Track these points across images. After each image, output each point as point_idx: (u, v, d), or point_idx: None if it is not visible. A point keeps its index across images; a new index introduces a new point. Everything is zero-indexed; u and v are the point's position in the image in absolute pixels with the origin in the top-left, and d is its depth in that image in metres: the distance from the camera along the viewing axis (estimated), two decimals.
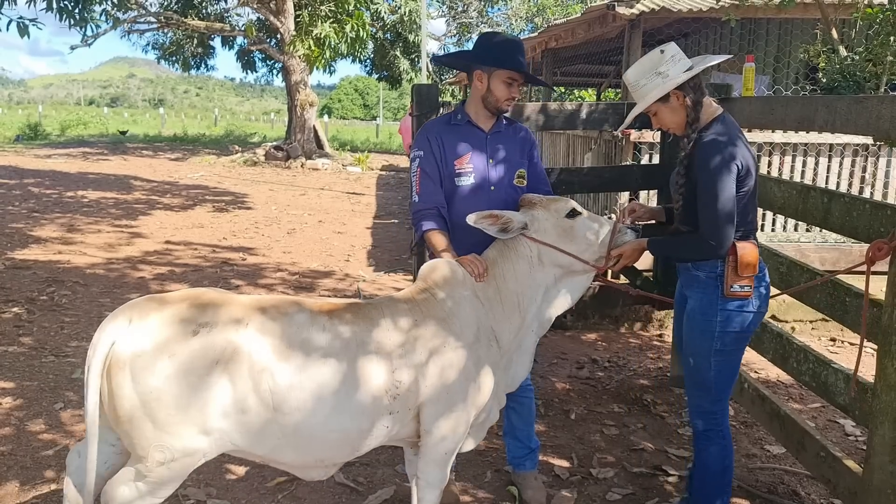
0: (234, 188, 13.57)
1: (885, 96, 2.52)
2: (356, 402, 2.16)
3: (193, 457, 2.10)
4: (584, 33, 9.54)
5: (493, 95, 2.72)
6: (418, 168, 2.77)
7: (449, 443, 2.36)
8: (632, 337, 5.40)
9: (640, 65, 2.50)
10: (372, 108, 69.75)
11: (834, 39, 6.57)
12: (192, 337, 2.03)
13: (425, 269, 2.51)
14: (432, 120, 3.00)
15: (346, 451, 2.26)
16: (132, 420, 2.02)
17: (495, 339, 2.43)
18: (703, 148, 2.39)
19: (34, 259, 6.99)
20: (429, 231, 2.69)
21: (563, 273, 2.52)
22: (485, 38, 2.79)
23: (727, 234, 2.37)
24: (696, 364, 2.59)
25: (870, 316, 2.47)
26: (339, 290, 6.36)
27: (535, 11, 24.13)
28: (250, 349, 2.07)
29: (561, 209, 2.51)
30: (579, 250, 2.49)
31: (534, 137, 2.98)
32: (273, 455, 2.19)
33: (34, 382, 4.05)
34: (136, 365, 1.99)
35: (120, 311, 2.10)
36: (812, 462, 2.88)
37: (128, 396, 2.00)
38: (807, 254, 5.66)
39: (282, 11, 18.08)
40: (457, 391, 2.30)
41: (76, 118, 33.47)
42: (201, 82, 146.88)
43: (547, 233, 2.48)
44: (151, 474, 2.08)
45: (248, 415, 2.07)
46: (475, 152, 2.78)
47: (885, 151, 6.21)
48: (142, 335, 2.02)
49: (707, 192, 2.37)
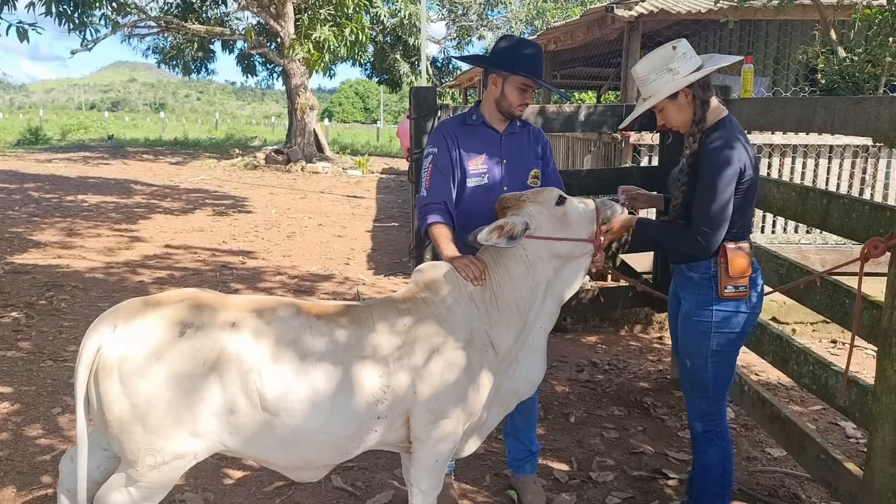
0: (234, 192, 13.58)
1: (884, 97, 2.51)
2: (344, 405, 2.14)
3: (184, 459, 2.08)
4: (584, 36, 9.54)
5: (506, 100, 2.72)
6: (430, 164, 2.74)
7: (440, 450, 2.33)
8: (632, 339, 5.38)
9: (650, 59, 2.45)
10: (372, 111, 69.81)
11: (833, 41, 6.57)
12: (179, 339, 2.02)
13: (418, 271, 2.47)
14: (448, 119, 2.98)
15: (336, 454, 2.24)
16: (122, 425, 2.01)
17: (491, 345, 2.37)
18: (711, 150, 2.40)
19: (33, 263, 6.98)
20: (433, 224, 2.65)
21: (563, 263, 2.46)
22: (504, 43, 2.76)
23: (718, 236, 2.39)
24: (693, 365, 2.59)
25: (870, 318, 2.46)
26: (338, 294, 6.35)
27: (535, 14, 24.14)
28: (238, 350, 2.06)
29: (550, 199, 2.44)
30: (577, 233, 2.45)
31: (547, 139, 2.97)
32: (262, 456, 2.18)
33: (32, 387, 4.04)
34: (124, 369, 1.98)
35: (105, 316, 2.09)
36: (812, 465, 2.86)
37: (116, 401, 1.99)
38: (807, 256, 5.65)
39: (282, 15, 18.10)
40: (447, 397, 2.26)
41: (77, 122, 33.50)
42: (202, 86, 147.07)
43: (543, 227, 2.41)
44: (143, 479, 2.07)
45: (238, 415, 2.06)
46: (489, 153, 2.77)
47: (884, 153, 6.20)
48: (128, 339, 2.01)
49: (707, 192, 2.37)
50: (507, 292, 2.38)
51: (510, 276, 2.39)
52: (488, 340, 2.36)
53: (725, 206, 2.36)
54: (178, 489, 3.03)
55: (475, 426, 2.46)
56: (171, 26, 19.74)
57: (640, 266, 5.30)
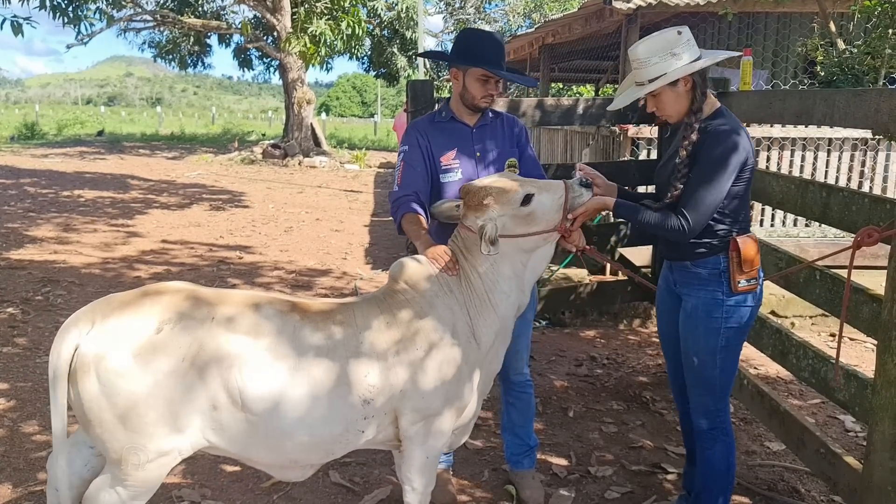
0: (231, 186, 13.54)
1: (884, 89, 2.49)
2: (327, 405, 2.11)
3: (169, 456, 2.06)
4: (582, 29, 9.50)
5: (469, 93, 2.71)
6: (402, 162, 2.76)
7: (431, 447, 2.30)
8: (630, 334, 5.37)
9: (653, 41, 2.35)
10: (370, 105, 69.59)
11: (832, 33, 6.54)
12: (157, 335, 1.99)
13: (395, 267, 2.42)
14: (420, 118, 2.98)
15: (321, 454, 2.21)
16: (102, 424, 1.98)
17: (474, 337, 2.34)
18: (715, 136, 2.35)
19: (30, 259, 6.95)
20: (404, 215, 2.63)
21: (529, 256, 2.40)
22: (460, 36, 2.78)
23: (701, 223, 2.35)
24: (701, 362, 2.55)
25: (870, 311, 2.45)
26: (336, 289, 6.33)
27: (533, 7, 24.03)
28: (217, 345, 2.03)
29: (514, 200, 2.31)
30: (543, 226, 2.37)
31: (523, 124, 2.96)
32: (246, 454, 2.15)
33: (28, 383, 4.02)
34: (101, 367, 1.95)
35: (81, 313, 2.05)
36: (812, 459, 2.85)
37: (96, 400, 1.96)
38: (806, 249, 5.64)
39: (278, 9, 18.02)
40: (435, 393, 2.23)
41: (73, 117, 33.40)
42: (199, 81, 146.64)
43: (507, 227, 2.32)
44: (129, 478, 2.04)
45: (220, 412, 2.04)
46: (461, 147, 2.76)
47: (883, 145, 6.18)
48: (105, 337, 1.97)
49: (705, 177, 2.33)
50: (478, 285, 2.36)
51: (478, 272, 2.36)
52: (471, 332, 2.34)
53: (719, 194, 2.32)
54: (175, 485, 3.02)
55: (463, 420, 2.43)
56: (167, 20, 19.65)
57: (638, 260, 5.29)
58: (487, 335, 2.38)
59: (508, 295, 2.38)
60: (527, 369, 3.04)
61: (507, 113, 3.02)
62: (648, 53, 2.35)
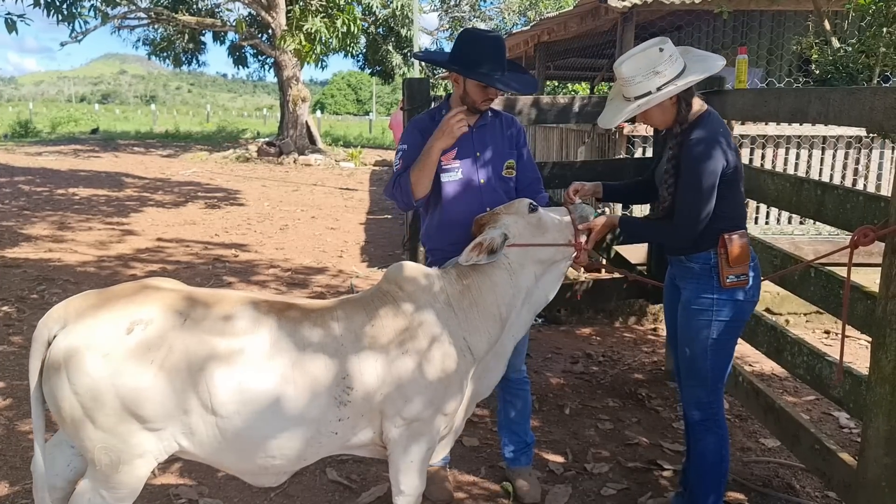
0: (226, 184, 13.51)
1: (878, 88, 2.51)
2: (300, 408, 2.07)
3: (144, 458, 2.04)
4: (577, 27, 9.50)
5: (469, 97, 2.70)
6: (400, 160, 2.76)
7: (415, 452, 2.27)
8: (626, 331, 5.39)
9: (636, 61, 2.42)
10: (365, 103, 69.52)
11: (827, 31, 6.55)
12: (127, 336, 1.97)
13: (392, 269, 2.39)
14: (419, 115, 2.98)
15: (292, 459, 2.16)
16: (73, 422, 1.97)
17: (468, 349, 2.32)
18: (691, 148, 2.43)
19: (24, 257, 6.93)
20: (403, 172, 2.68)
21: (544, 269, 2.47)
22: (461, 39, 2.71)
23: (699, 229, 2.45)
24: (693, 354, 2.61)
25: (864, 308, 2.46)
26: (332, 287, 6.33)
27: (528, 5, 24.00)
28: (186, 347, 2.00)
29: (522, 208, 2.48)
30: (556, 238, 2.47)
31: (521, 126, 2.97)
32: (215, 458, 2.12)
33: (24, 382, 4.01)
34: (71, 366, 1.94)
35: (54, 311, 2.04)
36: (807, 455, 2.87)
37: (67, 398, 1.95)
38: (801, 247, 5.66)
39: (273, 6, 17.97)
40: (418, 398, 2.20)
41: (67, 115, 33.27)
42: (193, 78, 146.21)
43: (522, 235, 2.42)
44: (109, 479, 2.03)
45: (191, 416, 2.01)
46: (461, 147, 2.75)
47: (878, 143, 6.21)
48: (75, 336, 1.96)
49: (689, 190, 2.43)
50: (489, 299, 2.36)
51: (492, 282, 2.37)
52: (466, 345, 2.32)
53: (707, 202, 2.42)
54: (172, 484, 3.02)
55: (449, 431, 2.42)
56: (162, 17, 19.58)
57: (634, 257, 5.31)
58: (483, 349, 2.37)
59: (515, 306, 2.42)
60: (524, 367, 3.05)
61: (505, 112, 3.02)
62: (632, 73, 2.43)
